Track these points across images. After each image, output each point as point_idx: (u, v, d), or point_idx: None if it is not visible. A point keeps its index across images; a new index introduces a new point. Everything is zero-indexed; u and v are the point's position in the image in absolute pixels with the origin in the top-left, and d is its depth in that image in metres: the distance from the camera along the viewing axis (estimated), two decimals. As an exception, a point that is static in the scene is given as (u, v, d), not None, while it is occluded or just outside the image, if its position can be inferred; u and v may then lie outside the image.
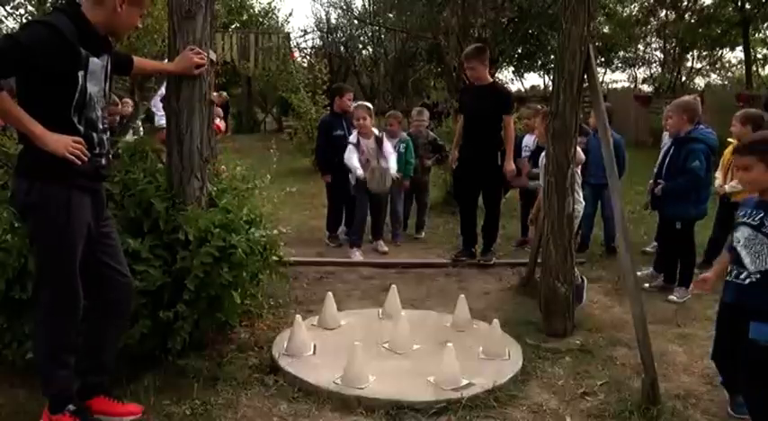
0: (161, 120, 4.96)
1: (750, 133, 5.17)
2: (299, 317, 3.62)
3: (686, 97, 4.94)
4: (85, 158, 2.57)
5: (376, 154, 5.87)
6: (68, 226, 2.57)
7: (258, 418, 2.95)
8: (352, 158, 5.80)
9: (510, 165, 5.50)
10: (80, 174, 2.59)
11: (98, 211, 2.75)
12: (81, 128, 2.59)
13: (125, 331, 3.00)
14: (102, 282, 2.78)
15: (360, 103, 6.24)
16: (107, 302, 2.81)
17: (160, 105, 5.02)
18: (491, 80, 5.68)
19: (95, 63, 2.60)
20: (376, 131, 6.03)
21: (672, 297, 4.58)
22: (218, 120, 5.21)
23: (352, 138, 5.90)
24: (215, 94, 5.92)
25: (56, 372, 2.68)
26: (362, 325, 4.00)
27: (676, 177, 4.66)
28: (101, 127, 2.70)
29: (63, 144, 2.50)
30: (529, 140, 6.24)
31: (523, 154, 6.17)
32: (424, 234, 6.79)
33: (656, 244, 5.89)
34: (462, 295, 4.09)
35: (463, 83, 5.78)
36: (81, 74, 2.54)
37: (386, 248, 6.02)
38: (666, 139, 5.58)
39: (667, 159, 4.75)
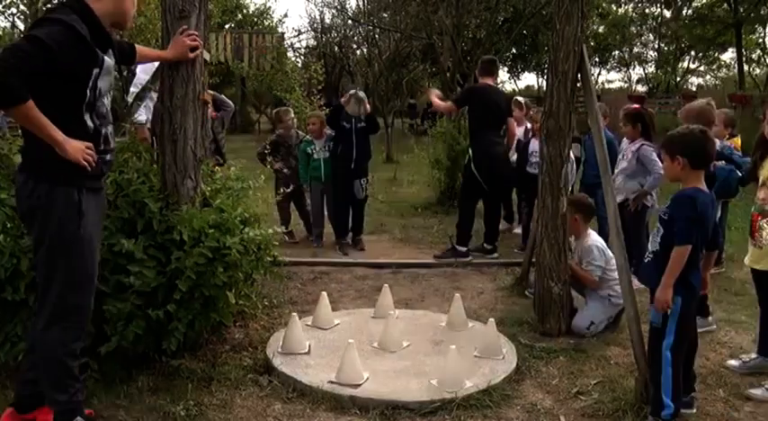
0: (140, 116, 4.75)
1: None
2: (294, 315, 3.62)
3: (702, 101, 4.28)
4: (95, 163, 2.51)
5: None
6: (81, 229, 2.49)
7: (252, 419, 2.95)
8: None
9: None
10: (88, 176, 2.52)
11: (102, 209, 2.72)
12: (92, 124, 2.54)
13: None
14: None
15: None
16: None
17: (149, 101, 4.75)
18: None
19: (108, 61, 2.56)
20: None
21: None
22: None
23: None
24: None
25: (64, 381, 2.56)
26: (357, 324, 4.00)
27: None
28: (110, 119, 2.66)
29: (81, 151, 2.45)
30: (535, 146, 6.19)
31: (531, 160, 6.12)
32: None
33: None
34: (457, 295, 4.09)
35: (458, 84, 5.82)
36: (96, 72, 2.50)
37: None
38: (625, 145, 5.55)
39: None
